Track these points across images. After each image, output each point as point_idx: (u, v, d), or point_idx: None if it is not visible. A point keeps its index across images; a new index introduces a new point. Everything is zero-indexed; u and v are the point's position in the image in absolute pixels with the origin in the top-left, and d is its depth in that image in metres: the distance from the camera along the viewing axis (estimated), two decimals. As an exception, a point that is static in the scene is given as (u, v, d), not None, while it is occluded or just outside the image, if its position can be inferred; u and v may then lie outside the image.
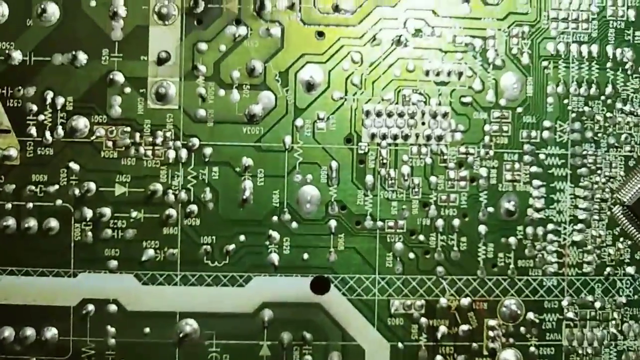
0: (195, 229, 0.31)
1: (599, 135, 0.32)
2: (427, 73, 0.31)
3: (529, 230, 0.32)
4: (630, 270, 0.32)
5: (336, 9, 0.31)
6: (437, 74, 0.32)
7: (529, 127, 0.32)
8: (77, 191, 0.30)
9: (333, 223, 0.31)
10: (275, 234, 0.31)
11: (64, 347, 0.31)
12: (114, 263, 0.31)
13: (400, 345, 0.32)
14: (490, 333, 0.32)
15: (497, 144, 0.32)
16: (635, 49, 0.32)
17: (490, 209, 0.32)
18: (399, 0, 0.31)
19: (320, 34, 0.31)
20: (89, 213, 0.30)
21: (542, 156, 0.32)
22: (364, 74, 0.31)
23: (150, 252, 0.31)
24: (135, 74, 0.31)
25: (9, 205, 0.30)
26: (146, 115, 0.31)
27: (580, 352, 0.32)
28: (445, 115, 0.32)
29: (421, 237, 0.32)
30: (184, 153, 0.31)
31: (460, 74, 0.32)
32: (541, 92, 0.32)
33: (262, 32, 0.31)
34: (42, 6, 0.30)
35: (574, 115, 0.32)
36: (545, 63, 0.32)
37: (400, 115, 0.31)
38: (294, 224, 0.31)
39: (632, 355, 0.32)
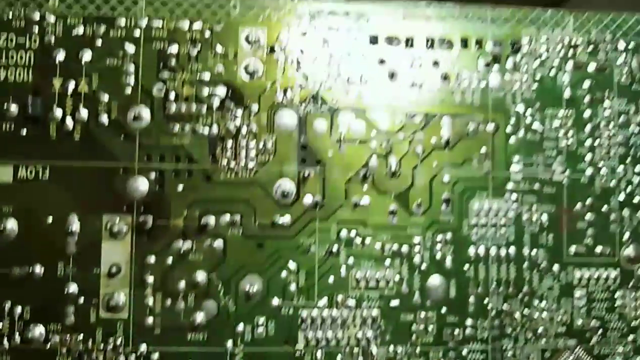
0: None
1: (517, 330, 0.35)
2: (357, 280, 0.34)
3: (454, 421, 0.35)
4: None
5: (273, 224, 0.34)
6: (367, 281, 0.34)
7: (453, 326, 0.35)
8: (32, 396, 0.33)
9: (272, 421, 0.34)
10: None
11: None
12: None
13: None
14: None
15: (423, 343, 0.35)
16: (547, 250, 0.36)
17: (418, 403, 0.35)
18: (332, 214, 0.34)
19: (260, 246, 0.34)
20: (43, 416, 0.33)
21: (464, 352, 0.35)
22: (300, 281, 0.34)
23: None
24: (88, 286, 0.33)
25: (-35, 412, 0.32)
26: (98, 324, 0.33)
27: None
28: (375, 319, 0.34)
29: None
30: (132, 359, 0.33)
31: (388, 280, 0.34)
32: (463, 293, 0.35)
33: (206, 245, 0.34)
34: (2, 223, 0.33)
35: (493, 313, 0.35)
36: (467, 266, 0.35)
37: (334, 319, 0.34)
38: (236, 423, 0.34)
39: None
